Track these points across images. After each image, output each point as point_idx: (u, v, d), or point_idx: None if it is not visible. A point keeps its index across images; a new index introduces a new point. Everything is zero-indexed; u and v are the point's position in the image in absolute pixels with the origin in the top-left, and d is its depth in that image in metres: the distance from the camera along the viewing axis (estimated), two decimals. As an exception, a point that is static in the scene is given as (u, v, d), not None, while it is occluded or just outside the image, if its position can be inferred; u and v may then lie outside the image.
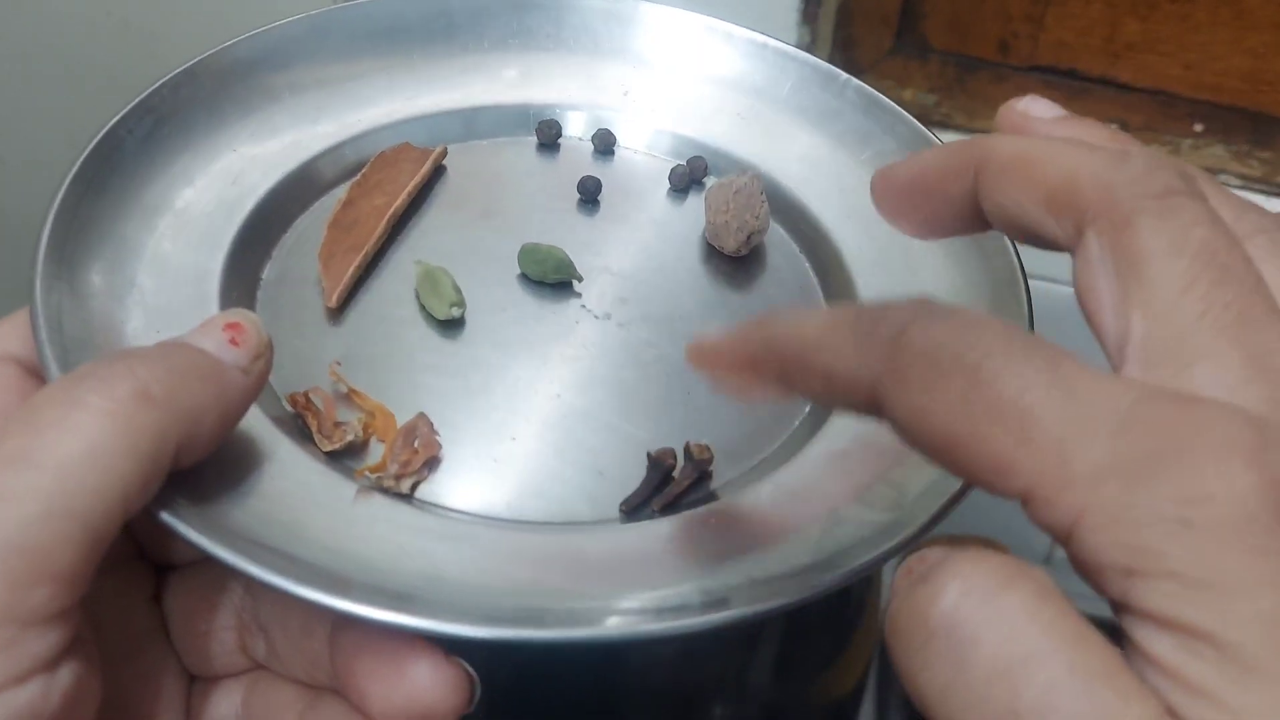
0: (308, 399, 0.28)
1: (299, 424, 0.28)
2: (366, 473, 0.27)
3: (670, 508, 0.28)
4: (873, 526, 0.26)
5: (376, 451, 0.28)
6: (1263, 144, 0.61)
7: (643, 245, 0.34)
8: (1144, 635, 0.17)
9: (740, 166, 0.36)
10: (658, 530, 0.27)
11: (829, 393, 0.21)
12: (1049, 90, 0.63)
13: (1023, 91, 0.70)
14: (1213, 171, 0.60)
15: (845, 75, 0.37)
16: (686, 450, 0.28)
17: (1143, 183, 0.20)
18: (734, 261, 0.34)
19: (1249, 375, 0.18)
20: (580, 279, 0.33)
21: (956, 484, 0.25)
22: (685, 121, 0.37)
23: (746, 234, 0.33)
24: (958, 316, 0.19)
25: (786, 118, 0.37)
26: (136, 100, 0.32)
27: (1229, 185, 0.60)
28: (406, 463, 0.27)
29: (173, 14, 0.50)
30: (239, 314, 0.26)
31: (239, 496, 0.25)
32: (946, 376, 0.18)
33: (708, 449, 0.28)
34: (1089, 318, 0.20)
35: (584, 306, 0.32)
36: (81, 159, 0.30)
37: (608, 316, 0.32)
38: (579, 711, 0.41)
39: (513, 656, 0.40)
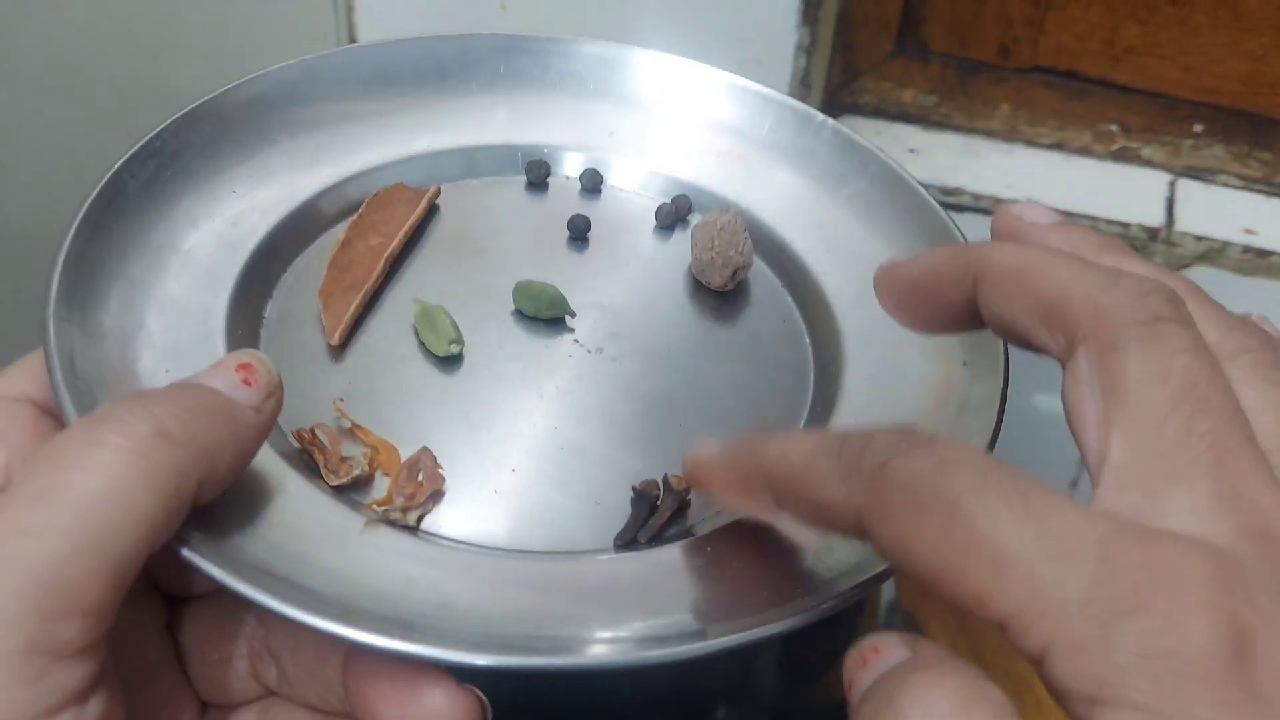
0: (314, 435, 0.29)
1: (306, 459, 0.29)
2: (374, 506, 0.28)
3: (656, 538, 0.29)
4: (860, 552, 0.27)
5: (382, 485, 0.29)
6: (1262, 145, 0.61)
7: (632, 281, 0.35)
8: None
9: (723, 204, 0.37)
10: (656, 559, 0.28)
11: (819, 519, 0.22)
12: (1050, 92, 0.63)
13: (1023, 94, 0.70)
14: (1213, 172, 0.60)
15: (822, 117, 0.39)
16: (665, 481, 0.29)
17: (1132, 308, 0.21)
18: (720, 295, 0.35)
19: (1219, 506, 0.19)
20: (573, 314, 0.34)
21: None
22: (669, 161, 0.39)
23: (731, 270, 0.35)
24: (936, 449, 0.20)
25: (766, 157, 0.38)
26: (138, 145, 0.33)
27: (1229, 185, 0.60)
28: (411, 495, 0.28)
29: (174, 21, 0.51)
30: (250, 354, 0.26)
31: (252, 530, 0.26)
32: (926, 511, 0.19)
33: (684, 480, 0.29)
34: (1073, 431, 0.21)
35: (577, 341, 0.33)
36: (88, 202, 0.31)
37: (600, 351, 0.33)
38: (584, 714, 0.41)
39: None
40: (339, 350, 0.32)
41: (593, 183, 0.38)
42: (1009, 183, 0.59)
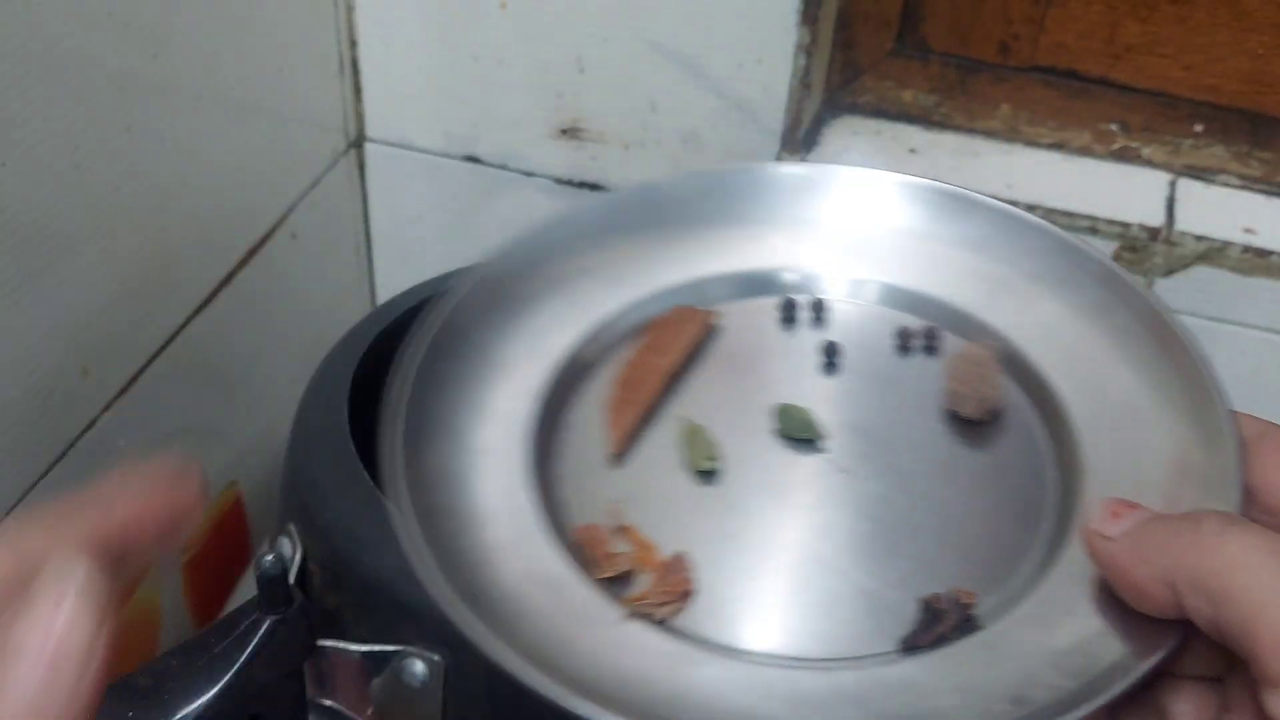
0: (590, 530, 0.33)
1: (579, 553, 0.32)
2: (630, 601, 0.31)
3: (931, 645, 0.30)
4: (1062, 690, 0.27)
5: (640, 582, 0.32)
6: (1263, 145, 0.61)
7: (883, 403, 0.37)
8: None
9: (981, 333, 0.38)
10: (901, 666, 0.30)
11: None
12: (1050, 91, 0.63)
13: (1023, 93, 0.70)
14: (1213, 172, 0.60)
15: (1089, 247, 0.38)
16: (954, 598, 0.31)
17: None
18: (971, 423, 0.36)
19: None
20: (824, 437, 0.36)
21: (1147, 664, 0.27)
22: (924, 283, 0.39)
23: (985, 404, 0.36)
24: None
25: (1026, 285, 0.38)
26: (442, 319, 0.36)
27: (1229, 185, 0.60)
28: (666, 594, 0.31)
29: (174, 13, 0.51)
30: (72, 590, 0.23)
31: (525, 614, 0.30)
32: None
33: (972, 594, 0.31)
34: None
35: (828, 460, 0.35)
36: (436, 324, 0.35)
37: (848, 471, 0.35)
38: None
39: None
40: (618, 459, 0.35)
41: (827, 310, 0.40)
42: (1009, 182, 0.59)
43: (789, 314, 0.40)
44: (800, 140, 0.61)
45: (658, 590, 0.31)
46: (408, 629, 0.40)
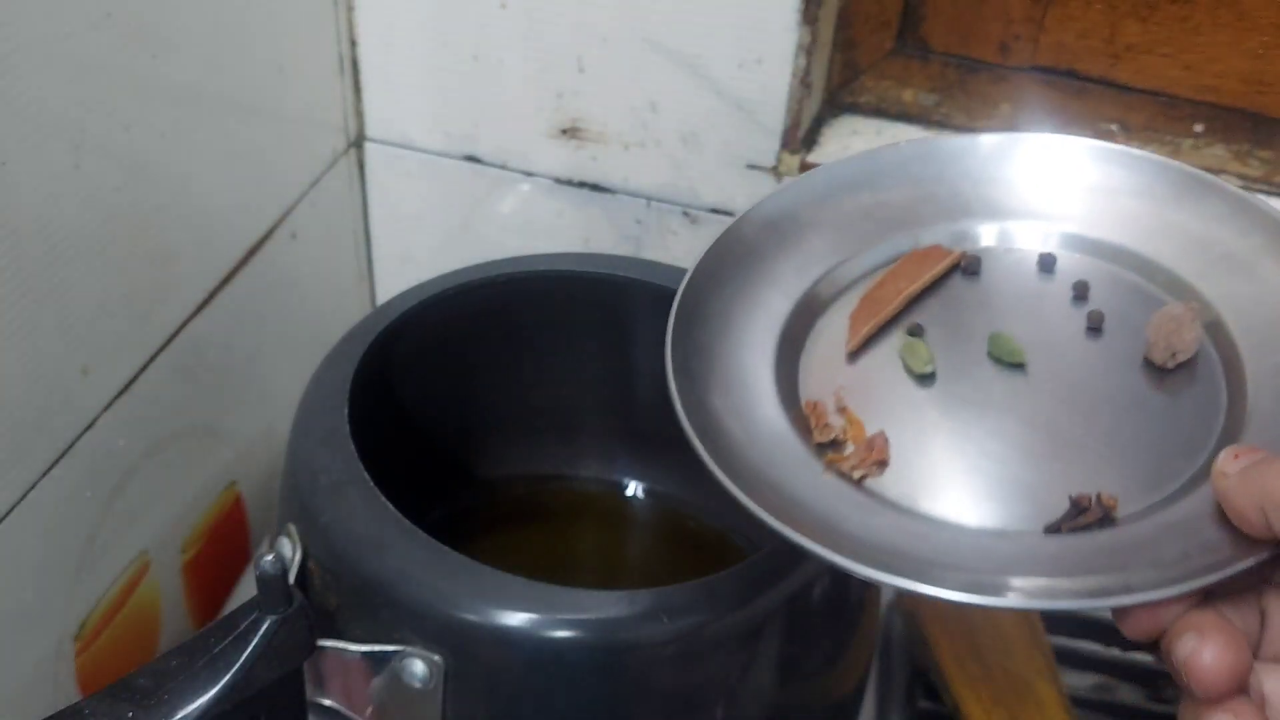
0: (815, 404, 0.40)
1: (804, 422, 0.40)
2: (832, 460, 0.39)
3: (1070, 533, 0.36)
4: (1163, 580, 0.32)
5: (848, 450, 0.39)
6: (1263, 144, 0.61)
7: (1089, 345, 0.42)
8: None
9: (1190, 295, 0.42)
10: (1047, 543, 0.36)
11: None
12: (1049, 91, 0.63)
13: (1023, 93, 0.70)
14: (1213, 172, 0.60)
15: None
16: (1098, 498, 0.36)
17: None
18: (1162, 369, 0.40)
19: None
20: (1027, 363, 0.41)
21: (1237, 566, 0.31)
22: (1147, 248, 0.44)
23: (1172, 353, 0.40)
24: None
25: (1244, 257, 0.42)
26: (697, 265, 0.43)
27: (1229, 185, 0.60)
28: (862, 460, 0.38)
29: (174, 13, 0.51)
30: None
31: (747, 459, 0.38)
32: None
33: (1115, 499, 0.36)
34: None
35: (1026, 380, 0.41)
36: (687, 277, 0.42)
37: (1041, 391, 0.40)
38: (582, 713, 0.41)
39: (516, 655, 0.40)
40: (853, 358, 0.42)
41: (1048, 264, 0.44)
42: (1009, 182, 0.59)
43: (1046, 265, 0.44)
44: (800, 140, 0.61)
45: (857, 457, 0.39)
46: (408, 629, 0.41)
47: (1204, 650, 0.30)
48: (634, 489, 0.62)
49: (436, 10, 0.63)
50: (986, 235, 0.45)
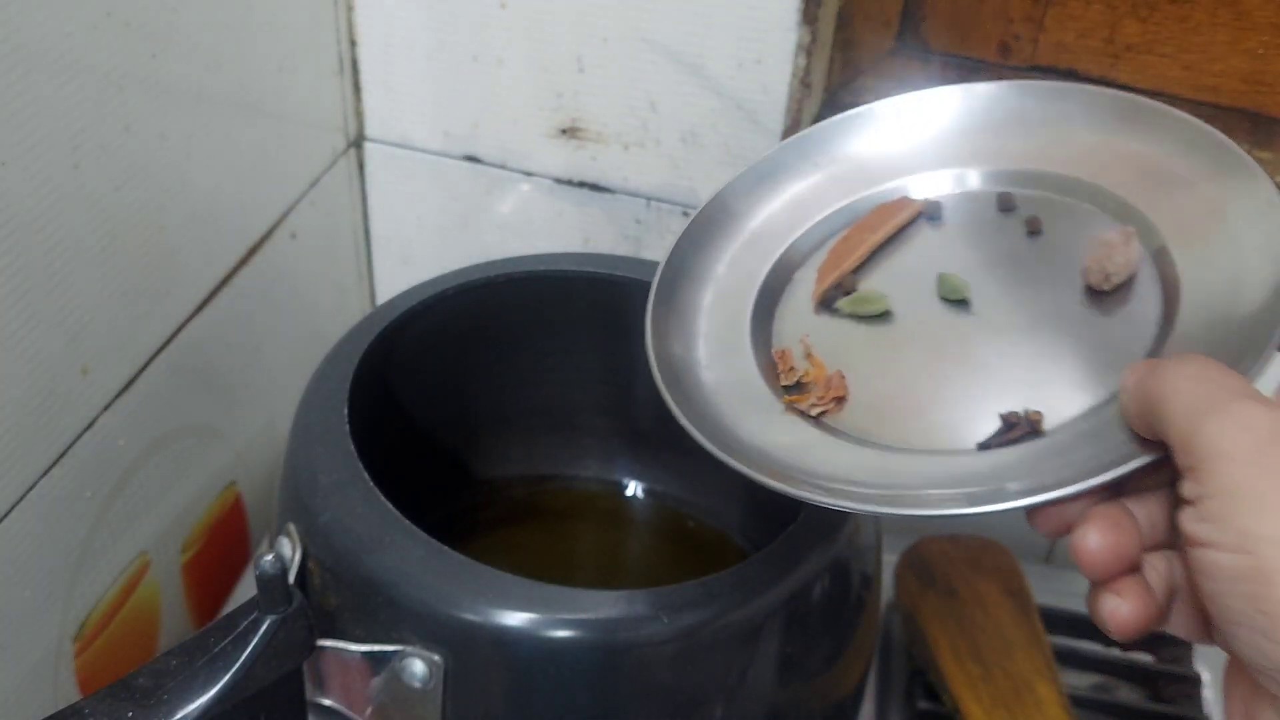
0: (783, 352, 0.44)
1: (772, 368, 0.44)
2: (792, 400, 0.42)
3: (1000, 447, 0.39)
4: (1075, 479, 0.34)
5: (810, 389, 0.43)
6: (1262, 144, 0.61)
7: (1032, 274, 0.44)
8: None
9: (1134, 218, 0.43)
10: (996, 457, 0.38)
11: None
12: (1049, 91, 0.63)
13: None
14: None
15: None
16: (1026, 414, 0.39)
17: None
18: (1100, 291, 0.42)
19: None
20: (970, 300, 0.44)
21: (1129, 465, 0.34)
22: (1097, 177, 0.45)
23: (1105, 275, 0.41)
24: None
25: (1183, 179, 0.43)
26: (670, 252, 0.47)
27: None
28: (821, 398, 0.42)
29: (174, 13, 0.51)
30: None
31: (715, 401, 0.42)
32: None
33: (1040, 414, 0.38)
34: None
35: (971, 315, 0.43)
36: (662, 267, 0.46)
37: (988, 320, 0.43)
38: (582, 713, 0.41)
39: (516, 655, 0.40)
40: (818, 307, 0.45)
41: (1008, 204, 0.46)
42: (1009, 181, 0.59)
43: (1005, 205, 0.46)
44: (800, 140, 0.61)
45: (816, 395, 0.42)
46: (408, 629, 0.41)
47: (1089, 535, 0.33)
48: (634, 489, 0.62)
49: (436, 10, 0.63)
50: (949, 183, 0.48)
